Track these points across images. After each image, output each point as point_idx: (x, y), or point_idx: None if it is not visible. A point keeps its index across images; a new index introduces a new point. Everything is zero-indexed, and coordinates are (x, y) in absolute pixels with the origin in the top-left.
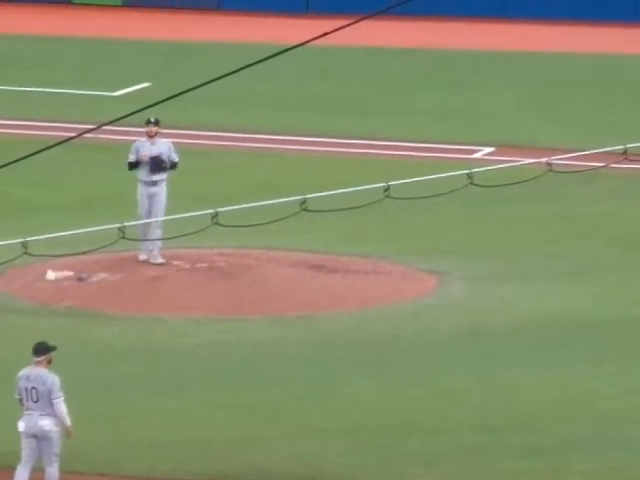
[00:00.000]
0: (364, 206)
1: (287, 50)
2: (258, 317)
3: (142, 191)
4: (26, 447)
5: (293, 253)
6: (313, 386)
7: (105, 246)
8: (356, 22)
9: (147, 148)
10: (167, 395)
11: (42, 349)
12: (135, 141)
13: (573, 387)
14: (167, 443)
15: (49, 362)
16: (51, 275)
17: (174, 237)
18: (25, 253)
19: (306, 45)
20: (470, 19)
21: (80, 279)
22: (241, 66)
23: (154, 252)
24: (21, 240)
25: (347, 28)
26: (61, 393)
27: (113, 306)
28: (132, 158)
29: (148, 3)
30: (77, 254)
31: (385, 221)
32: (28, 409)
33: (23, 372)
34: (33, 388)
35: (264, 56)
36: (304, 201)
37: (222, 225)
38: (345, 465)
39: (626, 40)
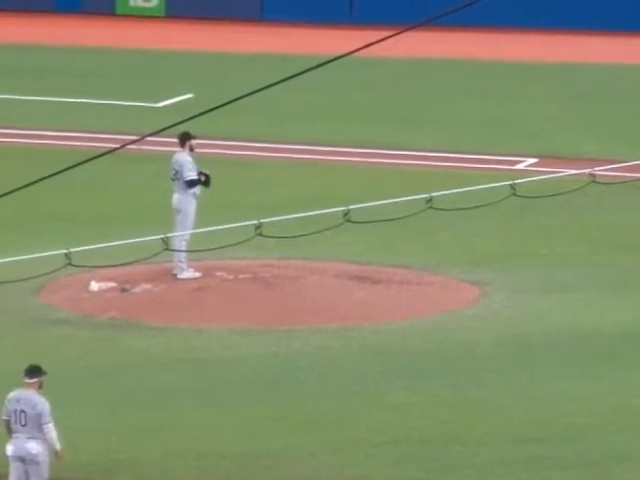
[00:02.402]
0: (407, 217)
1: (331, 61)
2: (301, 328)
3: (195, 207)
4: (15, 471)
5: (336, 264)
6: (356, 397)
7: (149, 257)
8: (400, 33)
9: (191, 163)
10: (211, 406)
11: (35, 371)
12: (175, 154)
13: (618, 398)
14: (212, 454)
15: (40, 386)
16: (94, 286)
17: (218, 248)
18: (69, 264)
19: (349, 56)
20: (515, 30)
21: (123, 290)
22: (284, 77)
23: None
24: (65, 251)
25: (391, 39)
26: (50, 418)
27: (156, 317)
28: (195, 175)
29: (191, 14)
30: (120, 265)
31: (428, 232)
32: (16, 432)
33: (13, 394)
34: (22, 411)
35: (307, 67)
36: (347, 212)
37: (266, 236)
38: (388, 476)
39: None
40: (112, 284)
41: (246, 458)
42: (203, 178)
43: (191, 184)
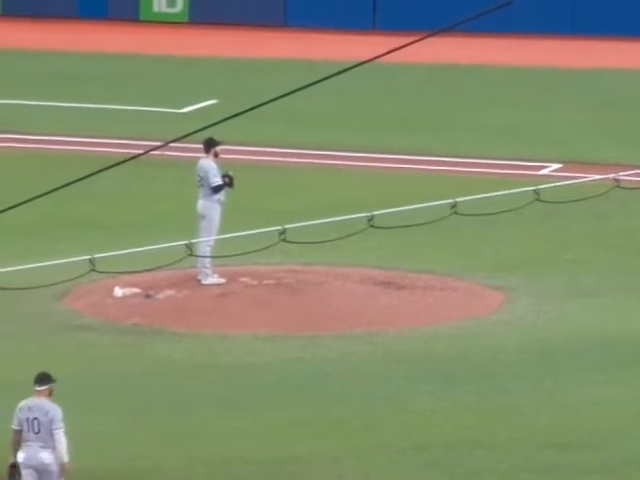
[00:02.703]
0: (431, 222)
1: (354, 67)
2: (326, 334)
3: (220, 213)
4: (27, 478)
5: (361, 269)
6: (381, 403)
7: (172, 263)
8: (423, 39)
9: (216, 169)
10: (235, 412)
11: (45, 379)
12: (199, 160)
13: None
14: (236, 460)
15: (50, 393)
16: (118, 292)
17: (242, 254)
18: (92, 270)
19: (373, 62)
20: (538, 36)
21: (147, 296)
22: (308, 83)
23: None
24: (88, 257)
25: (414, 45)
26: (62, 424)
27: (180, 323)
28: (220, 180)
29: (215, 20)
30: (144, 271)
31: (452, 237)
32: (28, 440)
33: (24, 403)
34: (35, 419)
35: (330, 72)
36: (371, 218)
37: (290, 242)
38: None
39: None
40: (136, 290)
41: (271, 464)
42: (227, 180)
43: (217, 189)
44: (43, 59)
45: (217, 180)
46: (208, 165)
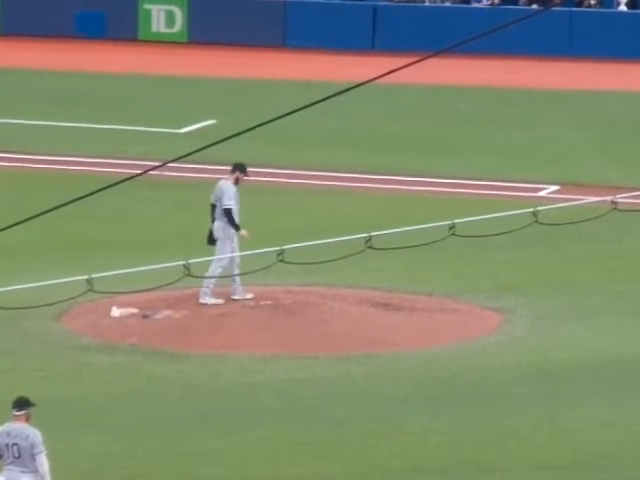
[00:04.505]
0: (430, 244)
1: (353, 88)
2: (323, 355)
3: (234, 234)
4: None
5: (359, 291)
6: (378, 424)
7: (170, 283)
8: (422, 60)
9: (233, 192)
10: (232, 433)
11: (23, 403)
12: (220, 181)
13: (639, 426)
14: None
15: (28, 418)
16: (116, 312)
17: (240, 274)
18: (90, 290)
19: (372, 83)
20: (536, 57)
21: (145, 316)
22: (307, 103)
23: (240, 287)
24: (86, 277)
25: (413, 66)
26: (43, 447)
27: (178, 343)
28: (232, 205)
29: (214, 40)
30: (142, 291)
31: (450, 259)
32: (8, 465)
33: (2, 428)
34: (15, 444)
35: (329, 93)
36: (369, 239)
37: (288, 262)
38: None
39: None
40: (133, 310)
41: None
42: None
43: (227, 213)
44: (40, 78)
45: (230, 204)
46: (227, 187)
